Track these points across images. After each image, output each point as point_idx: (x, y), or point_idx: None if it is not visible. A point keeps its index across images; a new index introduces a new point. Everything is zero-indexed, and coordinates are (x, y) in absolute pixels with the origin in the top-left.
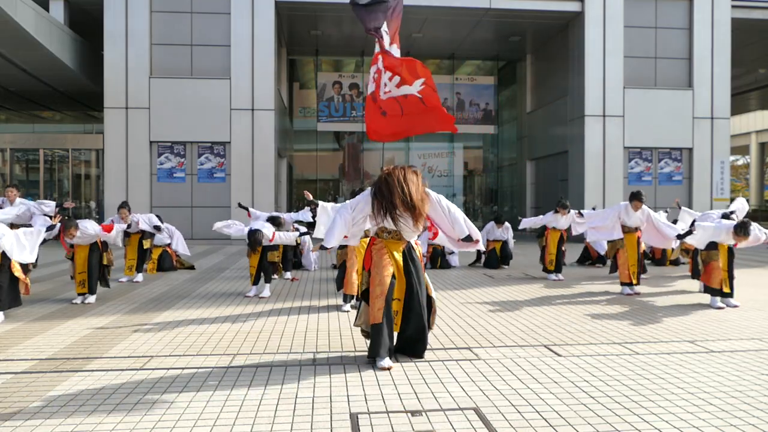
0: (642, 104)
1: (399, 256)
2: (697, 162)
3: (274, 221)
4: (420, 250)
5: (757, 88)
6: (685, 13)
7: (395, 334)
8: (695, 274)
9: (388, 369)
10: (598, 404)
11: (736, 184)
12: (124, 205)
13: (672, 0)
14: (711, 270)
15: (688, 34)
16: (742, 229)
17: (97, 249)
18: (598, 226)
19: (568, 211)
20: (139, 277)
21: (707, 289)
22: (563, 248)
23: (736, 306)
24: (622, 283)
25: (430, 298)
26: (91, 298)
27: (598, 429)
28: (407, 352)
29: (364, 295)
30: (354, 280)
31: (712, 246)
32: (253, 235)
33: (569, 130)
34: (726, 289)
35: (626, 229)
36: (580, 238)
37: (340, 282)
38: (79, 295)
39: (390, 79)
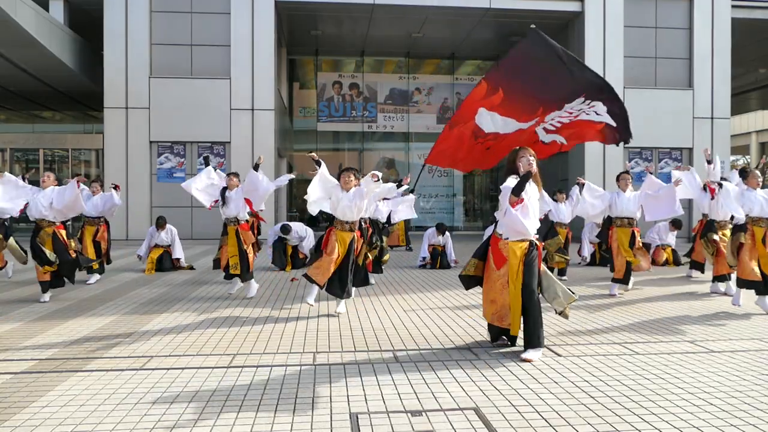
0: (642, 104)
1: (519, 255)
2: (697, 162)
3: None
4: (541, 250)
5: (757, 88)
6: (685, 13)
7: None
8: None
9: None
10: (598, 404)
11: None
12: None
13: (672, 0)
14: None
15: (688, 34)
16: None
17: (60, 241)
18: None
19: (566, 196)
20: (92, 279)
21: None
22: (567, 249)
23: (738, 307)
24: (615, 280)
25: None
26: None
27: (598, 429)
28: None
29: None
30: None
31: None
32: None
33: None
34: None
35: (618, 222)
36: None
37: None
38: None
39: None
